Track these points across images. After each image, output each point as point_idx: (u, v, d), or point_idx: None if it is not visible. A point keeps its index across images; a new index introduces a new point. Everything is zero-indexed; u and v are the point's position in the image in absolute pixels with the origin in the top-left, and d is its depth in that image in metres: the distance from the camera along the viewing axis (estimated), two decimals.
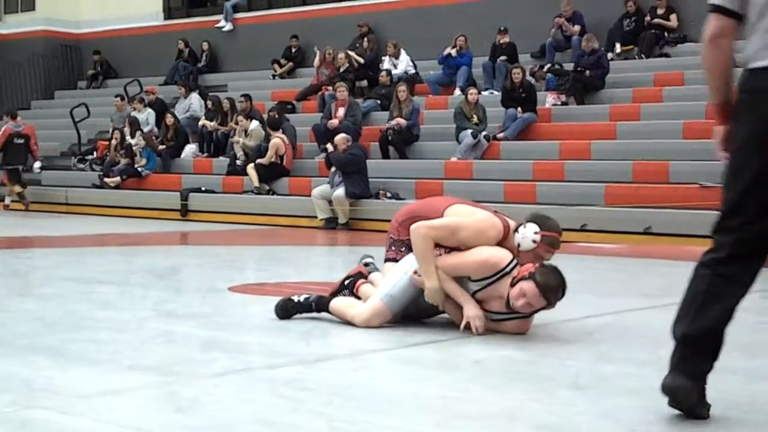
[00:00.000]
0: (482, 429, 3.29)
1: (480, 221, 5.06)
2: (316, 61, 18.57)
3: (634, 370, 4.27)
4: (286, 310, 5.39)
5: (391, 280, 5.21)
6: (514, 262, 4.94)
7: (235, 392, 3.79)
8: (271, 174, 15.25)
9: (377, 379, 4.22)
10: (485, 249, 4.97)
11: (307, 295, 5.44)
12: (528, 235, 4.97)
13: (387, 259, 5.46)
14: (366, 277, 5.64)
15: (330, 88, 16.92)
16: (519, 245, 4.97)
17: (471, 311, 4.95)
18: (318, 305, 5.39)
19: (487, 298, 4.97)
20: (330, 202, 13.74)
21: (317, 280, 7.31)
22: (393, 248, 5.41)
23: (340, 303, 5.39)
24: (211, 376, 4.08)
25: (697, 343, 3.26)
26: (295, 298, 5.42)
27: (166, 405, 3.60)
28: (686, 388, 3.25)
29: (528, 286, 4.76)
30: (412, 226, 5.09)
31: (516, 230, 5.04)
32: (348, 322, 5.25)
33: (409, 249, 5.18)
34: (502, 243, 5.02)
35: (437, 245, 5.04)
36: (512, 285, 4.84)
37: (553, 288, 4.77)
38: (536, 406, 3.62)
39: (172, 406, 3.59)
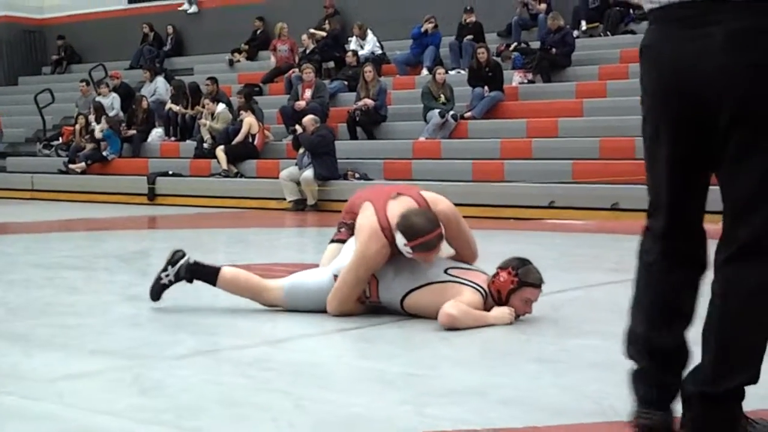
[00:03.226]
0: (448, 405, 3.29)
1: (363, 249, 4.79)
2: (272, 43, 18.59)
3: (599, 343, 4.29)
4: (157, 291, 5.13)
5: (309, 276, 5.09)
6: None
7: (200, 373, 3.78)
8: (240, 154, 15.19)
9: (343, 357, 4.22)
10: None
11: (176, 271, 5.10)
12: (401, 248, 4.76)
13: (332, 241, 5.39)
14: None
15: (297, 69, 16.86)
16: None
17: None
18: (192, 272, 5.07)
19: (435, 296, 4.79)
20: (298, 183, 13.71)
21: (287, 261, 7.29)
22: (341, 230, 5.36)
23: (242, 273, 5.16)
24: (177, 358, 4.06)
25: None
26: (164, 278, 5.11)
27: (131, 387, 3.58)
28: None
29: (528, 292, 4.76)
30: (330, 309, 4.89)
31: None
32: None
33: (350, 231, 5.12)
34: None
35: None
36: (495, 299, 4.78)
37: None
38: (502, 381, 3.62)
39: (137, 388, 3.56)
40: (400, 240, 4.73)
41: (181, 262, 5.08)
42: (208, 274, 5.09)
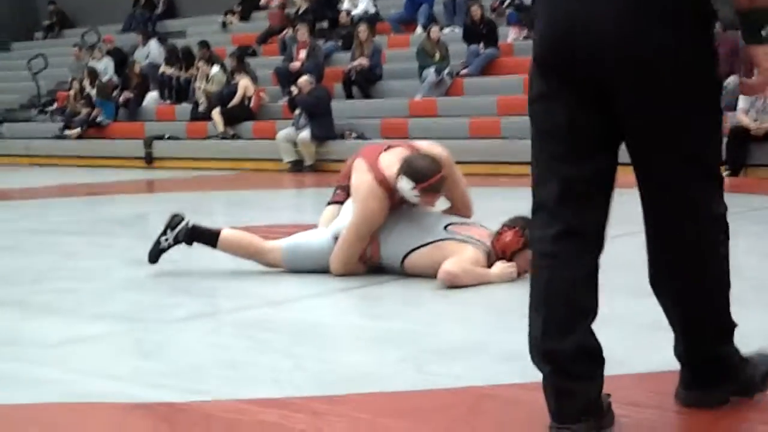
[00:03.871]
0: (448, 361, 3.31)
1: (362, 207, 4.78)
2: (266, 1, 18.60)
3: (600, 297, 4.28)
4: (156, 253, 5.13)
5: (308, 237, 5.08)
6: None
7: (201, 336, 3.79)
8: (237, 116, 15.16)
9: (343, 316, 4.23)
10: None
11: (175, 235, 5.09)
12: (407, 193, 4.73)
13: (329, 203, 5.32)
14: None
15: (290, 30, 16.77)
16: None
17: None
18: (191, 235, 5.06)
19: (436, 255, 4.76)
20: (295, 144, 13.68)
21: (285, 222, 7.28)
22: (338, 192, 5.29)
23: (242, 235, 5.17)
24: (178, 320, 4.07)
25: None
26: (163, 241, 5.10)
27: (132, 351, 3.59)
28: None
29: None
30: (333, 269, 4.89)
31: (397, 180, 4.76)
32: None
33: (346, 193, 5.06)
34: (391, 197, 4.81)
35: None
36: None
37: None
38: (503, 337, 3.63)
39: (138, 351, 3.58)
40: (406, 185, 4.69)
41: (181, 225, 5.08)
42: (208, 237, 5.09)
